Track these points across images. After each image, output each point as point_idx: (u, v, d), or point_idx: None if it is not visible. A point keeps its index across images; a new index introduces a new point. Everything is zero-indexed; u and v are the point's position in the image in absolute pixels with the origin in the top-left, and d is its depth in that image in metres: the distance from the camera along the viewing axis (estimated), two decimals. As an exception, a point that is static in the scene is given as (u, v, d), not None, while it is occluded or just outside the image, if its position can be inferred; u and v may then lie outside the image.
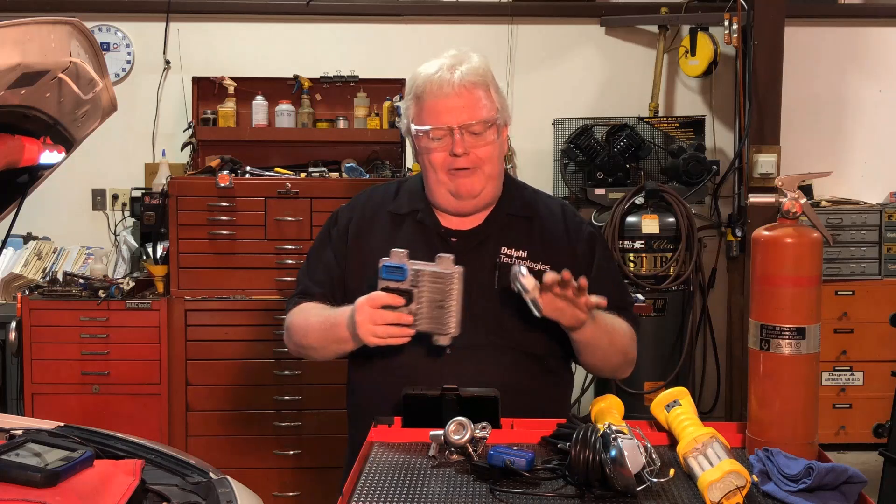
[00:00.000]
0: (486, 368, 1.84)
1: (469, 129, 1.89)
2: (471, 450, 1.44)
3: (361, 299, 1.76)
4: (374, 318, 1.73)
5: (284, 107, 4.27)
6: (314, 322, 1.93)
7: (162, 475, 1.68)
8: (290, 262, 3.72)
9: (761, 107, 4.27)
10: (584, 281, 1.74)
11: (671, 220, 4.11)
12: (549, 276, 1.73)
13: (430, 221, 1.98)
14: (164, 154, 4.30)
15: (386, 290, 1.74)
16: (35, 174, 2.00)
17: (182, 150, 4.31)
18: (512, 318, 1.86)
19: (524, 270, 1.73)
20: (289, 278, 3.71)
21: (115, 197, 4.56)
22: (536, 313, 1.73)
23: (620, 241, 4.11)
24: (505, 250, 1.95)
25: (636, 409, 3.42)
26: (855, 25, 4.85)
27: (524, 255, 1.94)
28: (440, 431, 1.46)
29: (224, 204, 3.72)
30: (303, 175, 3.98)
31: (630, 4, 4.76)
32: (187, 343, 3.73)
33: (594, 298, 1.77)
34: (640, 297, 3.74)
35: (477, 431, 1.44)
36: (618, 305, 1.99)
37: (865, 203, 4.66)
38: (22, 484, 1.39)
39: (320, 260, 2.05)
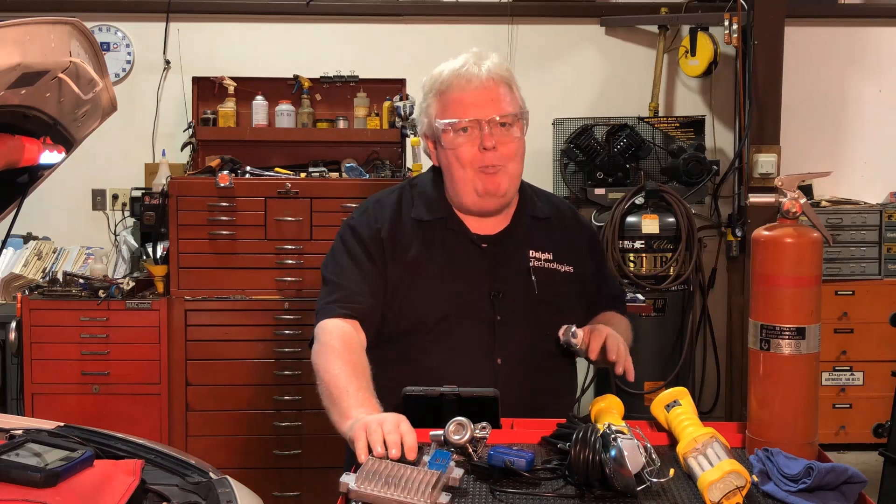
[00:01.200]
0: (532, 376, 1.87)
1: (498, 122, 1.86)
2: (471, 450, 1.43)
3: (394, 417, 1.50)
4: (378, 428, 1.45)
5: (284, 107, 4.27)
6: (334, 374, 1.72)
7: (162, 475, 1.68)
8: (290, 262, 3.72)
9: (761, 107, 4.27)
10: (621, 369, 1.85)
11: (671, 220, 4.11)
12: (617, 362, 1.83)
13: (459, 228, 1.93)
14: (164, 154, 4.30)
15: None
16: (35, 174, 2.00)
17: (182, 150, 4.31)
18: (545, 322, 1.88)
19: (573, 329, 1.85)
20: (289, 278, 3.71)
21: (115, 197, 4.56)
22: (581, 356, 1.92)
23: (620, 241, 4.11)
24: (533, 253, 1.94)
25: (636, 409, 3.42)
26: (855, 25, 4.86)
27: (550, 256, 1.95)
28: (440, 431, 1.46)
29: (224, 204, 3.72)
30: (303, 175, 3.98)
31: (630, 4, 4.76)
32: (187, 343, 3.73)
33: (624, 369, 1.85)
34: (640, 297, 3.74)
35: (477, 431, 1.44)
36: (621, 300, 2.13)
37: (865, 203, 4.66)
38: (22, 484, 1.39)
39: (358, 268, 1.89)
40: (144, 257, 4.01)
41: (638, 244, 4.11)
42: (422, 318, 1.87)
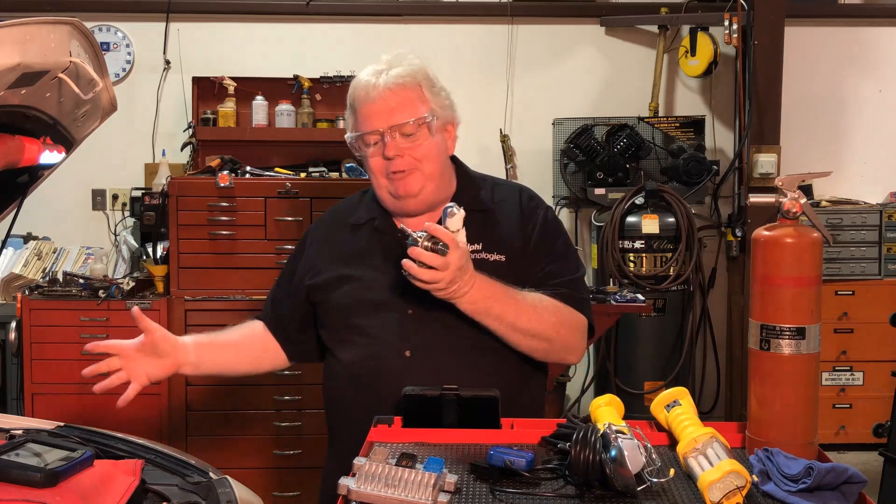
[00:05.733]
0: (446, 373, 1.78)
1: (399, 131, 1.87)
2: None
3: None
4: None
5: (284, 107, 4.27)
6: None
7: (162, 475, 1.67)
8: (290, 262, 3.72)
9: (761, 107, 4.27)
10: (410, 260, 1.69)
11: (671, 220, 4.11)
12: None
13: (386, 227, 1.96)
14: (164, 154, 4.30)
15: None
16: (35, 174, 2.00)
17: (182, 150, 4.31)
18: (466, 318, 1.81)
19: (452, 208, 1.74)
20: (289, 278, 3.71)
21: (115, 197, 4.56)
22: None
23: (620, 241, 4.11)
24: None
25: (636, 409, 3.43)
26: (855, 25, 4.86)
27: (479, 247, 1.90)
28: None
29: (224, 204, 3.71)
30: (303, 175, 3.98)
31: (630, 4, 4.77)
32: (187, 343, 3.72)
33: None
34: (640, 297, 3.74)
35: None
36: (568, 285, 1.92)
37: (865, 203, 4.66)
38: (22, 484, 1.39)
39: (280, 282, 2.14)
40: (144, 257, 4.01)
41: (638, 244, 4.11)
42: (341, 315, 1.93)
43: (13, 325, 3.71)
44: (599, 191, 4.30)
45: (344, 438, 1.90)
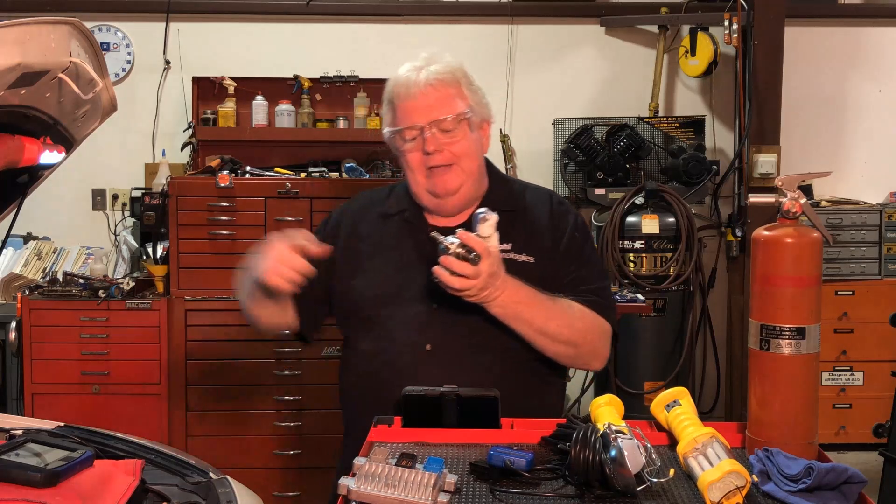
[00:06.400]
0: (465, 370, 1.79)
1: (439, 126, 1.88)
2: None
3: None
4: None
5: (284, 107, 4.27)
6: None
7: (162, 475, 1.67)
8: (290, 262, 3.72)
9: (761, 107, 4.27)
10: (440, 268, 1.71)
11: (671, 220, 4.11)
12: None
13: (416, 220, 1.97)
14: (164, 154, 4.30)
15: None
16: (35, 174, 2.00)
17: (182, 150, 4.31)
18: (489, 317, 1.81)
19: (484, 213, 1.75)
20: (289, 278, 3.71)
21: (115, 197, 4.56)
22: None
23: (620, 241, 4.11)
24: None
25: (636, 409, 3.42)
26: (855, 25, 4.86)
27: (508, 247, 1.89)
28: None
29: (224, 204, 3.72)
30: (303, 175, 3.98)
31: (630, 4, 4.77)
32: (187, 343, 3.73)
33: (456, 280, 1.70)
34: (640, 297, 3.74)
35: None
36: (593, 292, 1.93)
37: (865, 203, 4.66)
38: (22, 484, 1.39)
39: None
40: (144, 257, 4.01)
41: (638, 244, 4.11)
42: (360, 304, 1.94)
43: (13, 325, 3.71)
44: (599, 191, 4.30)
45: (360, 433, 1.90)
